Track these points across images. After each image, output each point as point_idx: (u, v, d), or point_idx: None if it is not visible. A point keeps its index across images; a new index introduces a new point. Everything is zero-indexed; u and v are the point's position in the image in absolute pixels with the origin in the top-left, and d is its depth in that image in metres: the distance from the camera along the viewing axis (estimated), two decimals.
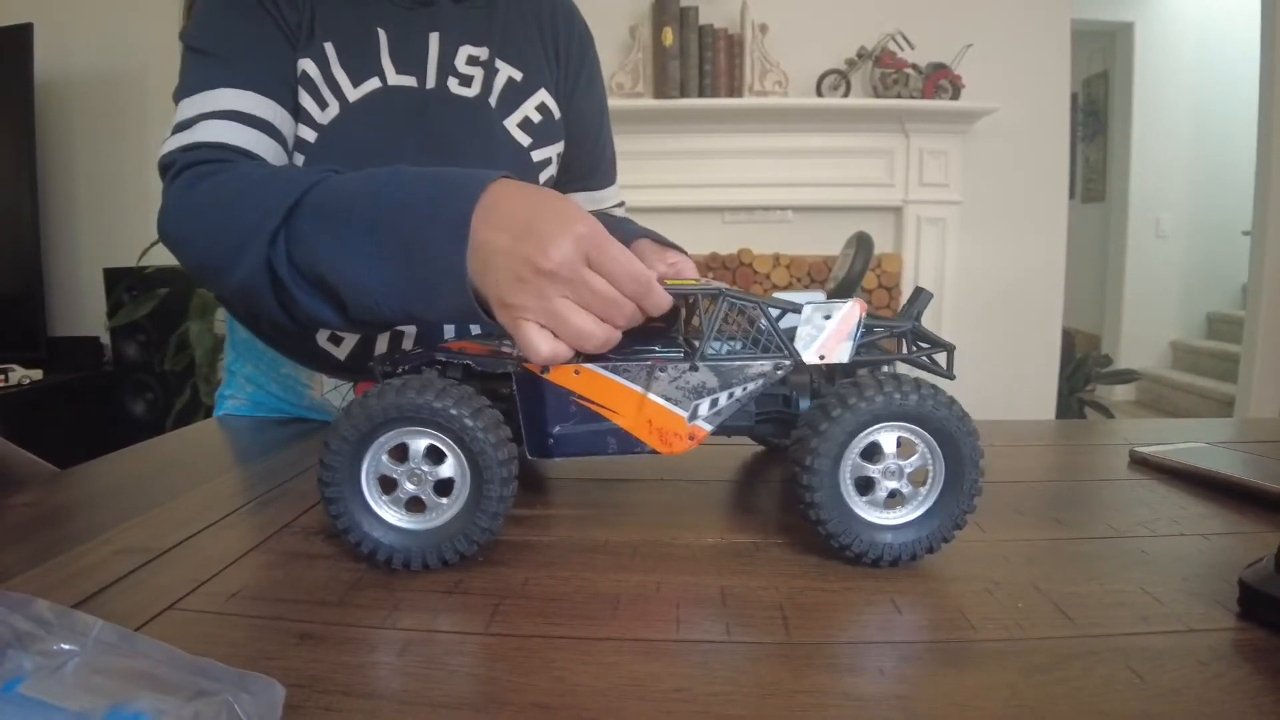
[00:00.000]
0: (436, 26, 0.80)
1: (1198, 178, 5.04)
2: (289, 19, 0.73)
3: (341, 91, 0.75)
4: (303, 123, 0.74)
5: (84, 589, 0.41)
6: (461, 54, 0.81)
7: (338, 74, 0.74)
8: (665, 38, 2.27)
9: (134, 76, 2.72)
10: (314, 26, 0.74)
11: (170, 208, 0.64)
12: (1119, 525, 0.51)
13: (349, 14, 0.77)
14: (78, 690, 0.26)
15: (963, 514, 0.43)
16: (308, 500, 0.56)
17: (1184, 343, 5.16)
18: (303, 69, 0.73)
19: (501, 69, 0.82)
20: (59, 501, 0.59)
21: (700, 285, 0.48)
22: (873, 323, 0.47)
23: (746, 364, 0.45)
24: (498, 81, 0.82)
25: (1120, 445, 0.71)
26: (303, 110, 0.74)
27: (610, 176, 0.98)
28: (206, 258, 0.61)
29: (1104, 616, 0.38)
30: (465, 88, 0.80)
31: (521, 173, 0.79)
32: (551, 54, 0.87)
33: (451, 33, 0.80)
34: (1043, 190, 2.55)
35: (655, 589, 0.41)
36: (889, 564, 0.43)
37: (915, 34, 2.40)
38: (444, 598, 0.40)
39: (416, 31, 0.79)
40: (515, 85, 0.83)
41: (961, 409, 0.43)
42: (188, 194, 0.63)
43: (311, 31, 0.74)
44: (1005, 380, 2.61)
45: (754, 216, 2.54)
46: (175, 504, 0.56)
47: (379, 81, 0.76)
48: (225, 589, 0.41)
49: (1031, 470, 0.67)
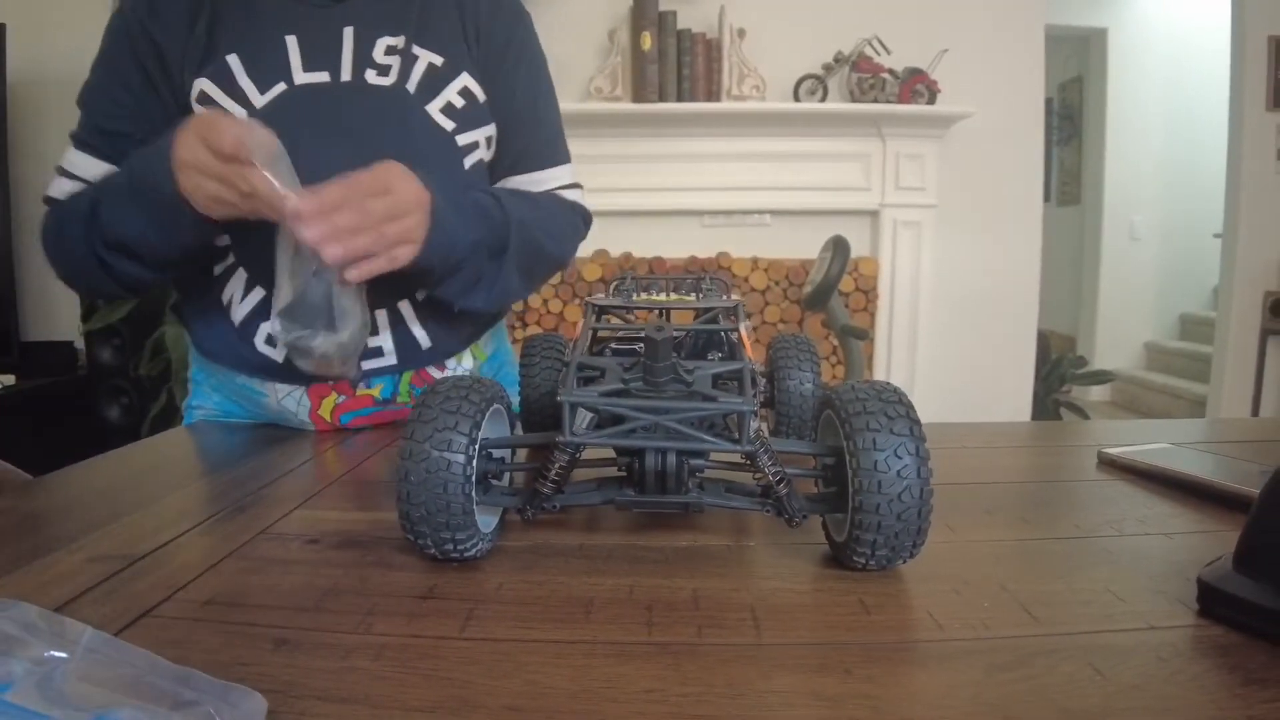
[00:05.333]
0: (350, 20, 0.80)
1: (1170, 181, 5.13)
2: (167, 61, 0.77)
3: (248, 99, 0.75)
4: None
5: (58, 596, 0.41)
6: (379, 45, 0.80)
7: (243, 83, 0.76)
8: (644, 42, 2.28)
9: None
10: (213, 45, 0.76)
11: (43, 244, 0.79)
12: (1086, 525, 0.53)
13: (254, 25, 0.78)
14: (64, 698, 0.26)
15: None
16: (284, 505, 0.56)
17: (1157, 344, 5.24)
18: (200, 89, 0.75)
19: (420, 55, 0.81)
20: (32, 509, 0.59)
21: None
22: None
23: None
24: (416, 69, 0.81)
25: (1089, 447, 0.72)
26: None
27: (550, 157, 0.92)
28: (62, 266, 0.79)
29: (1068, 615, 0.39)
30: (383, 77, 0.79)
31: (446, 156, 0.81)
32: (473, 35, 0.85)
33: (367, 25, 0.80)
34: (1018, 194, 2.59)
35: (629, 592, 0.41)
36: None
37: (892, 39, 2.42)
38: (419, 603, 0.40)
39: (330, 29, 0.79)
40: (435, 71, 0.81)
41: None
42: (46, 229, 0.79)
43: (211, 50, 0.76)
44: (982, 382, 2.64)
45: (732, 220, 2.55)
46: (149, 511, 0.56)
47: (285, 85, 0.76)
48: (200, 595, 0.41)
49: (1002, 471, 0.68)
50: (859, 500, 0.40)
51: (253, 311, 0.80)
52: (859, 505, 0.40)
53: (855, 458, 0.40)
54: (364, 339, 0.73)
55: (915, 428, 0.41)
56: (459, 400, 0.42)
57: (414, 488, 0.41)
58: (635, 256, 2.53)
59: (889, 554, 0.42)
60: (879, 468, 0.40)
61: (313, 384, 0.81)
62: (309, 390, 0.82)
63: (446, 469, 0.40)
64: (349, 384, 0.82)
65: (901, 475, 0.39)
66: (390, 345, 0.82)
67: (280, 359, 0.79)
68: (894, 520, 0.40)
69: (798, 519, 0.44)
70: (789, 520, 0.44)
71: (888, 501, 0.40)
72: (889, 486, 0.40)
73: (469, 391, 0.43)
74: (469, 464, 0.41)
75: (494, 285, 0.80)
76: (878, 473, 0.40)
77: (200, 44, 0.76)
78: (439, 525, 0.42)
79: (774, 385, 0.69)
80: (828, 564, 0.45)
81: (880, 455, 0.40)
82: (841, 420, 0.42)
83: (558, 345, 0.70)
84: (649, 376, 0.39)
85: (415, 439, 0.41)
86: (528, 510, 0.44)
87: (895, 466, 0.39)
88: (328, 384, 0.81)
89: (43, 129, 2.71)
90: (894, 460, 0.39)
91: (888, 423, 0.40)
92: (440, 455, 0.40)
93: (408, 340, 0.83)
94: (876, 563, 0.42)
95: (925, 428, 0.42)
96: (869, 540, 0.41)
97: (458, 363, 0.88)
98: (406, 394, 0.85)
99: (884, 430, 0.40)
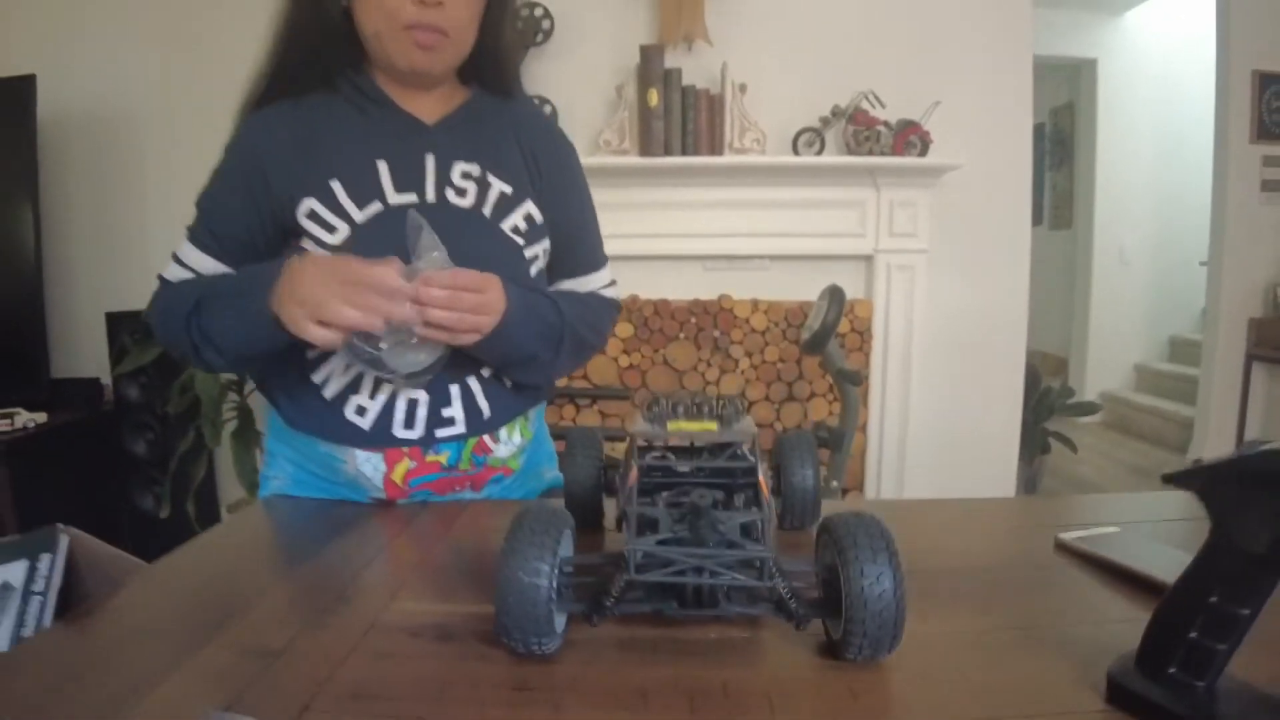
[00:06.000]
0: (430, 149, 0.96)
1: (1159, 207, 5.26)
2: (275, 185, 0.92)
3: (349, 215, 0.91)
4: (315, 246, 0.91)
5: (230, 691, 0.53)
6: (456, 170, 0.96)
7: (345, 203, 0.91)
8: (650, 99, 2.41)
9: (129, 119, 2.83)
10: (317, 170, 0.91)
11: (149, 312, 0.96)
12: (1034, 613, 0.65)
13: (351, 153, 0.93)
14: None
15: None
16: (381, 596, 0.68)
17: (1147, 365, 5.36)
18: (309, 207, 0.90)
19: (494, 184, 0.97)
20: (166, 601, 0.71)
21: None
22: None
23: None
24: (491, 194, 0.97)
25: (1050, 528, 0.83)
26: (311, 238, 0.91)
27: (594, 264, 1.11)
28: (162, 338, 0.95)
29: (1005, 701, 0.51)
30: (461, 198, 0.95)
31: (516, 266, 0.97)
32: (534, 169, 1.02)
33: (444, 153, 0.96)
34: (1006, 238, 2.71)
35: (674, 682, 0.54)
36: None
37: (886, 92, 2.55)
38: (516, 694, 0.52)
39: (414, 156, 0.95)
40: (506, 198, 0.97)
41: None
42: (155, 302, 0.96)
43: (315, 174, 0.91)
44: (972, 415, 2.76)
45: (733, 264, 2.68)
46: (268, 601, 0.68)
47: (381, 205, 0.92)
48: (343, 690, 0.53)
49: (970, 555, 0.80)
50: (850, 612, 0.53)
51: (346, 387, 0.94)
52: (850, 616, 0.53)
53: (847, 580, 0.53)
54: (433, 363, 0.89)
55: (894, 558, 0.53)
56: (541, 534, 0.55)
57: (509, 604, 0.53)
58: (641, 299, 2.66)
59: (873, 650, 0.54)
60: (866, 590, 0.52)
61: (390, 449, 0.94)
62: (385, 456, 0.95)
63: (535, 590, 0.53)
64: (420, 450, 0.95)
65: (881, 596, 0.52)
66: (460, 415, 0.96)
67: (366, 427, 0.93)
68: (876, 627, 0.52)
69: (804, 624, 0.56)
70: (796, 624, 0.56)
71: (872, 614, 0.52)
72: (873, 603, 0.52)
73: (548, 525, 0.55)
74: (550, 585, 0.54)
75: (548, 369, 1.01)
76: (864, 593, 0.52)
77: (306, 170, 0.91)
78: (527, 630, 0.54)
79: (780, 478, 0.81)
80: (825, 654, 0.57)
81: (866, 581, 0.52)
82: (838, 550, 0.54)
83: (595, 442, 0.83)
84: (693, 531, 0.52)
85: (510, 567, 0.53)
86: (594, 616, 0.56)
87: (877, 590, 0.52)
88: (401, 450, 0.94)
89: (69, 168, 2.84)
90: (876, 585, 0.52)
91: (871, 554, 0.53)
92: (530, 581, 0.53)
93: (474, 410, 0.96)
94: (864, 656, 0.55)
95: (904, 505, 0.55)
96: (858, 641, 0.53)
97: (509, 434, 1.02)
98: (467, 461, 0.98)
99: (869, 560, 0.53)
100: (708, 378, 2.72)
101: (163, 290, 0.96)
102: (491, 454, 1.00)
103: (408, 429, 0.94)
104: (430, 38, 0.91)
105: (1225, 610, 0.48)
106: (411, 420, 0.94)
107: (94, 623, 0.67)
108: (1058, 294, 5.57)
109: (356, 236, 0.90)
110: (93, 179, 2.88)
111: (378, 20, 0.90)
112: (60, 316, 2.81)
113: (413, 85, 0.98)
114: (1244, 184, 4.19)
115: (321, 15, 0.93)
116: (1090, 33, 5.11)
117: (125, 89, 2.81)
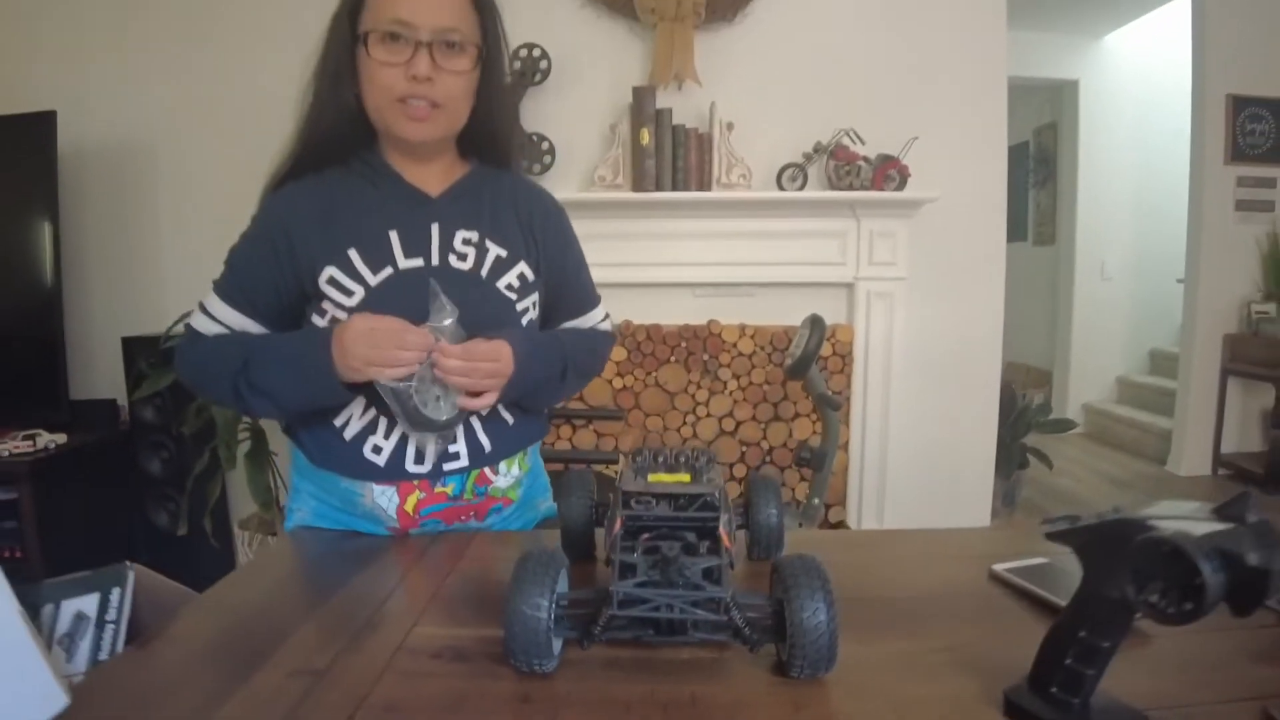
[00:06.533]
0: (435, 218, 1.09)
1: (1139, 224, 5.39)
2: (297, 242, 1.05)
3: (365, 280, 1.04)
4: (334, 308, 1.04)
5: (284, 708, 0.65)
6: (458, 237, 1.09)
7: (361, 269, 1.04)
8: (643, 137, 2.54)
9: (144, 151, 2.95)
10: (336, 240, 1.05)
11: (179, 357, 1.09)
12: (961, 637, 0.76)
13: (366, 224, 1.06)
14: None
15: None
16: (405, 622, 0.80)
17: (1128, 378, 5.48)
18: (329, 274, 1.03)
19: (491, 249, 1.10)
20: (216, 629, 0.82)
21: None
22: None
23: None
24: (488, 258, 1.10)
25: (989, 558, 0.93)
26: (331, 300, 1.04)
27: (590, 304, 1.27)
28: (194, 383, 1.09)
29: (922, 713, 0.63)
30: (462, 262, 1.08)
31: (509, 318, 1.10)
32: (530, 235, 1.16)
33: (448, 222, 1.09)
34: (982, 264, 2.83)
35: (652, 694, 0.66)
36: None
37: (866, 128, 2.68)
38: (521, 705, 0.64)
39: (421, 225, 1.08)
40: (501, 260, 1.11)
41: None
42: (187, 351, 1.08)
43: (334, 244, 1.04)
44: (950, 434, 2.89)
45: (721, 291, 2.80)
46: (308, 627, 0.80)
47: (392, 269, 1.05)
48: (380, 703, 0.65)
49: (910, 586, 0.92)
50: (792, 638, 0.65)
51: (364, 429, 1.07)
52: (792, 641, 0.65)
53: (791, 612, 0.65)
54: (454, 418, 1.03)
55: (829, 595, 0.65)
56: (541, 574, 0.67)
57: (515, 632, 0.65)
58: (634, 324, 2.79)
59: (813, 670, 0.66)
60: (805, 621, 0.64)
61: (402, 482, 1.07)
62: (398, 489, 1.07)
63: (536, 621, 0.65)
64: (428, 483, 1.07)
65: (817, 626, 0.64)
66: (464, 449, 1.08)
67: (382, 463, 1.06)
68: (815, 651, 0.65)
69: (757, 648, 0.68)
70: (750, 648, 0.69)
71: (810, 641, 0.64)
72: (810, 632, 0.64)
73: (547, 566, 0.68)
74: (549, 616, 0.66)
75: (555, 394, 1.19)
76: (804, 624, 0.64)
77: (326, 241, 1.04)
78: (530, 653, 0.66)
79: (748, 514, 0.94)
80: (777, 672, 0.69)
81: (805, 614, 0.64)
82: (784, 587, 0.66)
83: (588, 481, 0.95)
84: (664, 575, 0.64)
85: (516, 601, 0.66)
86: (585, 642, 0.68)
87: (814, 621, 0.64)
88: (413, 483, 1.07)
89: (86, 198, 2.95)
90: (813, 617, 0.64)
91: (810, 592, 0.65)
92: (533, 613, 0.65)
93: (476, 445, 1.09)
94: (805, 675, 0.67)
95: (862, 536, 0.67)
96: (799, 662, 0.66)
97: (508, 468, 1.14)
98: (470, 492, 1.10)
99: (809, 597, 0.65)
100: (698, 399, 2.84)
101: (195, 341, 1.08)
102: (492, 484, 1.12)
103: (418, 464, 1.06)
104: (422, 110, 1.04)
105: (1092, 643, 0.60)
106: (421, 456, 1.06)
107: (158, 650, 0.78)
108: (1042, 308, 5.71)
109: (371, 298, 1.03)
110: (109, 209, 2.99)
111: (377, 95, 1.04)
112: (78, 341, 2.91)
113: (416, 157, 1.11)
114: (1219, 204, 4.33)
115: (339, 103, 1.06)
116: (1072, 55, 5.26)
117: (140, 122, 2.93)
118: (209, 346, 1.06)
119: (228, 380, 1.02)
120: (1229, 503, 0.55)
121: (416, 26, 0.99)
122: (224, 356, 1.04)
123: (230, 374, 1.02)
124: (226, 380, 1.02)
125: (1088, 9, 4.81)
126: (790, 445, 2.83)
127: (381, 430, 1.06)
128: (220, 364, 1.03)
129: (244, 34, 2.87)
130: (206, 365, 1.06)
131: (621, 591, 0.66)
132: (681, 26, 2.61)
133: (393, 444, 1.06)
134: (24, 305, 2.78)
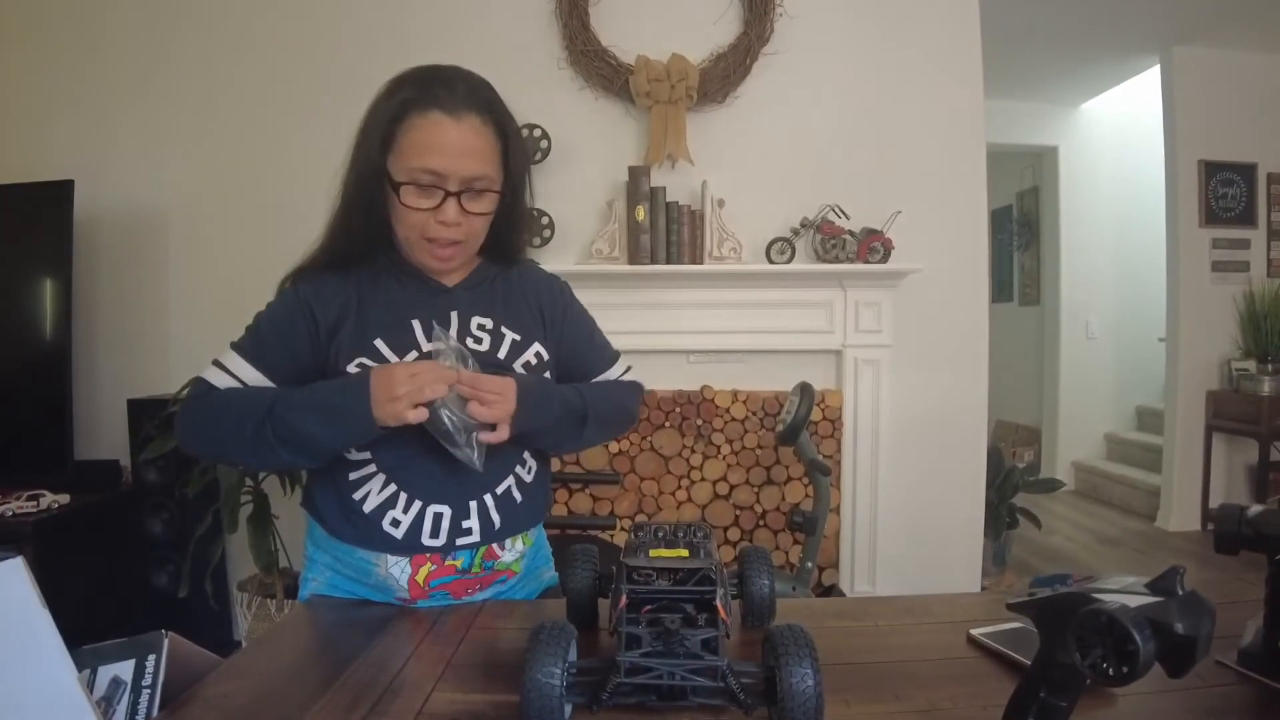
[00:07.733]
0: (454, 306, 1.19)
1: (1120, 283, 5.52)
2: (321, 323, 1.14)
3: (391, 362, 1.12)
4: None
5: None
6: (474, 322, 1.18)
7: (387, 355, 1.12)
8: (638, 214, 2.66)
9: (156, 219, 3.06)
10: (363, 332, 1.13)
11: (185, 412, 1.12)
12: (942, 699, 0.83)
13: (390, 314, 1.15)
14: None
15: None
16: (423, 689, 0.86)
17: (1116, 435, 5.56)
18: (359, 361, 1.11)
19: (506, 334, 1.20)
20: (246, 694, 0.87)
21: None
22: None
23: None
24: (504, 343, 1.19)
25: (968, 623, 1.01)
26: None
27: (609, 361, 1.35)
28: (212, 438, 1.12)
29: None
30: (479, 345, 1.17)
31: None
32: (540, 317, 1.25)
33: (465, 309, 1.19)
34: (965, 331, 2.93)
35: None
36: None
37: (851, 203, 2.81)
38: None
39: (441, 312, 1.17)
40: (516, 343, 1.20)
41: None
42: (197, 403, 1.11)
43: (362, 336, 1.13)
44: (938, 497, 2.95)
45: (713, 358, 2.90)
46: (336, 693, 0.86)
47: (417, 353, 1.13)
48: None
49: (893, 650, 0.98)
50: (782, 702, 0.72)
51: (383, 503, 1.13)
52: (783, 704, 0.72)
53: (780, 678, 0.72)
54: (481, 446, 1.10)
55: (815, 662, 0.72)
56: (553, 645, 0.74)
57: (531, 698, 0.72)
58: None
59: None
60: (793, 686, 0.71)
61: (416, 555, 1.13)
62: (411, 561, 1.14)
63: (550, 688, 0.72)
64: (440, 556, 1.14)
65: (804, 690, 0.71)
66: (477, 525, 1.15)
67: (399, 536, 1.13)
68: (803, 714, 0.71)
69: (751, 711, 0.75)
70: (745, 711, 0.75)
71: (799, 704, 0.71)
72: (798, 696, 0.71)
73: (558, 637, 0.75)
74: (561, 683, 0.72)
75: (578, 439, 1.24)
76: (793, 688, 0.71)
77: (353, 335, 1.13)
78: (544, 717, 0.73)
79: (742, 585, 1.01)
80: None
81: (793, 680, 0.71)
82: (774, 654, 0.73)
83: (592, 555, 1.03)
84: (665, 646, 0.72)
85: (531, 670, 0.72)
86: (594, 706, 0.75)
87: (802, 686, 0.71)
88: (425, 556, 1.13)
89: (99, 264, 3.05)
90: (801, 682, 0.71)
91: (798, 659, 0.72)
92: (546, 681, 0.72)
93: (488, 522, 1.16)
94: None
95: (850, 601, 0.74)
96: None
97: (513, 543, 1.21)
98: (478, 566, 1.17)
99: (797, 664, 0.72)
100: (692, 463, 2.91)
101: (207, 393, 1.11)
102: (499, 559, 1.19)
103: (433, 538, 1.13)
104: (447, 251, 1.14)
105: (1050, 703, 0.67)
106: (437, 530, 1.13)
107: (193, 714, 0.83)
108: (1029, 366, 5.82)
109: None
110: (120, 275, 3.09)
111: (406, 230, 1.13)
112: (84, 402, 2.96)
113: None
114: (1195, 265, 4.47)
115: (370, 218, 1.14)
116: (1051, 122, 5.47)
117: (155, 191, 3.05)
118: (226, 395, 1.10)
119: (250, 423, 1.04)
120: (1161, 577, 0.63)
121: (446, 177, 1.08)
122: (246, 399, 1.08)
123: (254, 417, 1.04)
124: (249, 423, 1.05)
125: (1063, 79, 5.02)
126: (783, 509, 2.89)
127: (400, 505, 1.13)
128: (242, 406, 1.07)
129: (260, 107, 3.01)
130: (224, 413, 1.09)
131: (628, 661, 0.73)
132: (675, 109, 2.75)
133: (410, 518, 1.13)
134: (33, 366, 2.86)
